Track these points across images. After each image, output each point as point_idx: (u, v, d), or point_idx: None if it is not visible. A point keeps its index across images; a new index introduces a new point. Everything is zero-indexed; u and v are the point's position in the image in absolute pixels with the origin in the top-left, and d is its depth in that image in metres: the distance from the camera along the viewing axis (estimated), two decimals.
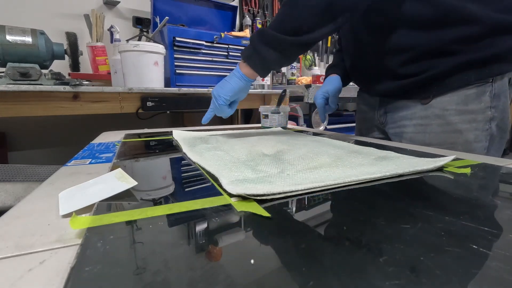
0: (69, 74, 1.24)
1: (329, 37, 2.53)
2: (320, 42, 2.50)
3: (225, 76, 0.65)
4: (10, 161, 1.42)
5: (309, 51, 2.42)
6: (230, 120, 1.92)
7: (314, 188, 0.31)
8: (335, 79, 0.81)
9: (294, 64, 2.10)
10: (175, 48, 1.33)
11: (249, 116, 1.91)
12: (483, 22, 0.53)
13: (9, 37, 0.90)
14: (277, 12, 0.55)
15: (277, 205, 0.28)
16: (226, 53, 1.48)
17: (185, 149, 0.52)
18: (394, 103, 0.71)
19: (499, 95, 0.60)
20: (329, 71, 0.85)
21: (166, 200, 0.30)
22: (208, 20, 1.74)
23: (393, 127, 0.72)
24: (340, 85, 0.81)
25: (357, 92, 0.90)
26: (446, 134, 0.62)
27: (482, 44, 0.55)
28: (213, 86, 1.61)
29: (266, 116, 0.92)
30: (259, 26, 2.09)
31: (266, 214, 0.25)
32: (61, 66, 1.28)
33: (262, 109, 0.93)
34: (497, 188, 0.36)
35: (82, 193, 0.30)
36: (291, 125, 1.13)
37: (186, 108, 1.25)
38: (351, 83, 0.87)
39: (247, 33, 1.63)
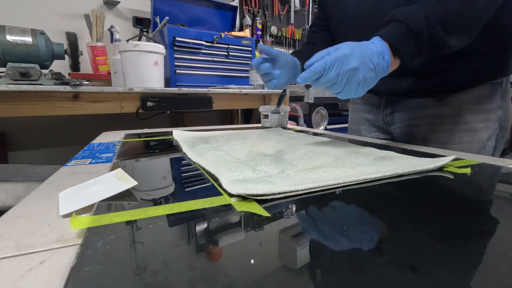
0: (69, 74, 1.25)
1: None
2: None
3: (226, 76, 0.60)
4: (10, 161, 1.42)
5: None
6: (230, 120, 1.92)
7: (314, 188, 0.31)
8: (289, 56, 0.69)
9: None
10: (175, 48, 1.33)
11: (249, 116, 1.91)
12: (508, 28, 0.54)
13: (9, 37, 0.90)
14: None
15: (277, 205, 0.28)
16: (226, 53, 1.48)
17: (185, 149, 0.52)
18: (404, 102, 0.68)
19: (504, 95, 0.60)
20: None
21: (166, 200, 0.30)
22: (208, 20, 1.74)
23: (402, 126, 0.70)
24: (294, 63, 0.67)
25: None
26: (461, 133, 0.61)
27: (501, 46, 0.56)
28: (213, 86, 1.60)
29: (266, 116, 0.92)
30: (259, 26, 2.09)
31: (266, 214, 0.25)
32: (61, 66, 1.28)
33: (262, 109, 0.93)
34: (497, 188, 0.36)
35: (82, 193, 0.30)
36: (291, 125, 1.13)
37: (186, 108, 1.25)
38: None
39: (247, 33, 1.63)
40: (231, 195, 0.29)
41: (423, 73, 0.61)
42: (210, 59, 1.44)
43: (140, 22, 1.51)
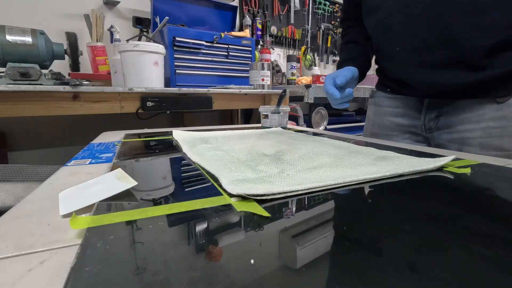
0: (69, 74, 1.25)
1: (329, 37, 2.53)
2: (320, 42, 2.50)
3: (226, 76, 0.59)
4: (10, 161, 1.42)
5: (309, 51, 2.42)
6: (230, 120, 1.92)
7: (314, 188, 0.31)
8: (350, 68, 0.64)
9: (294, 64, 2.10)
10: (175, 48, 1.33)
11: (249, 116, 1.91)
12: None
13: (9, 37, 0.90)
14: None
15: (277, 205, 0.28)
16: (226, 53, 1.48)
17: (185, 149, 0.52)
18: (452, 104, 0.58)
19: None
20: (343, 63, 0.68)
21: (166, 200, 0.30)
22: (208, 20, 1.74)
23: (449, 132, 0.60)
24: (356, 74, 0.64)
25: (376, 93, 0.75)
26: None
27: None
28: (213, 86, 1.61)
29: (266, 116, 0.92)
30: (259, 26, 2.09)
31: (266, 214, 0.25)
32: (61, 66, 1.28)
33: (262, 109, 0.93)
34: (497, 188, 0.36)
35: (82, 193, 0.30)
36: (291, 125, 1.13)
37: (186, 108, 1.25)
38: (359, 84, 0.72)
39: (247, 33, 1.63)
40: (231, 195, 0.29)
41: (481, 64, 0.51)
42: (210, 59, 1.44)
43: (140, 22, 1.51)
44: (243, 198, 0.28)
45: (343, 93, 0.61)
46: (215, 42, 1.43)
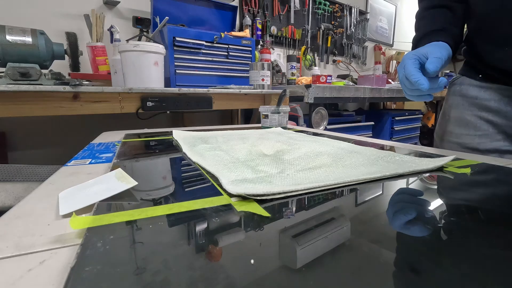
0: (69, 74, 1.25)
1: (329, 37, 2.53)
2: (320, 42, 2.50)
3: (226, 76, 0.53)
4: (10, 161, 1.42)
5: (309, 51, 2.42)
6: (230, 120, 1.92)
7: (314, 188, 0.31)
8: (443, 45, 0.46)
9: (294, 64, 2.10)
10: (175, 48, 1.33)
11: (249, 116, 1.91)
12: None
13: (9, 37, 0.90)
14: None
15: (277, 205, 0.28)
16: (226, 53, 1.48)
17: (185, 149, 0.52)
18: None
19: None
20: (429, 37, 0.49)
21: (166, 200, 0.30)
22: (208, 20, 1.74)
23: None
24: (450, 53, 0.46)
25: (460, 78, 0.58)
26: None
27: None
28: (213, 86, 1.62)
29: (266, 116, 0.92)
30: (259, 26, 2.09)
31: (266, 214, 0.25)
32: (61, 66, 1.28)
33: (262, 109, 0.93)
34: (497, 188, 0.36)
35: (82, 193, 0.30)
36: (291, 125, 1.13)
37: (186, 108, 1.25)
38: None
39: (247, 33, 1.63)
40: (231, 195, 0.29)
41: None
42: (210, 59, 1.44)
43: (140, 22, 1.51)
44: (243, 198, 0.28)
45: (434, 83, 0.43)
46: (215, 42, 1.43)
